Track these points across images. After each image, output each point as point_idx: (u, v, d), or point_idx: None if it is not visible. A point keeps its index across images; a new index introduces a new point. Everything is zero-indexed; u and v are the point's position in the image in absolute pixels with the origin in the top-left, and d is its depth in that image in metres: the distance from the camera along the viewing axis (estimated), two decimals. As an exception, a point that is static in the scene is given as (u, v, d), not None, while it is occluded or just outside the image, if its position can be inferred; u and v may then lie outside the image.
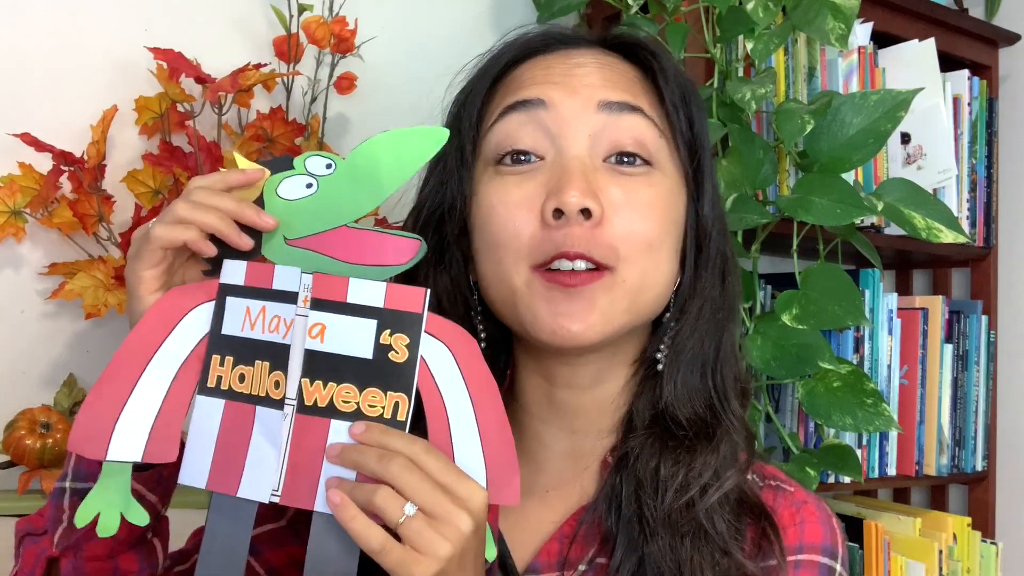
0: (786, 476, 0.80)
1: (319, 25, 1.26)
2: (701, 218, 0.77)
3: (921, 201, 1.42)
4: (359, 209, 0.68)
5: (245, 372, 0.67)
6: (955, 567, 1.66)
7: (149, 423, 0.66)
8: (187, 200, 0.67)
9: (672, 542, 0.70)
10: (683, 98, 0.77)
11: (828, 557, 0.74)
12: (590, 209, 0.70)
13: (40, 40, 1.18)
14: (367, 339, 0.65)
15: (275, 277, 0.67)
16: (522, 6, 1.54)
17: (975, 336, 1.82)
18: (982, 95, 1.85)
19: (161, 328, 0.67)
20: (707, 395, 0.76)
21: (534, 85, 0.75)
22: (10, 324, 1.17)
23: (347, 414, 0.64)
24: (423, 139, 0.68)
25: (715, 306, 0.77)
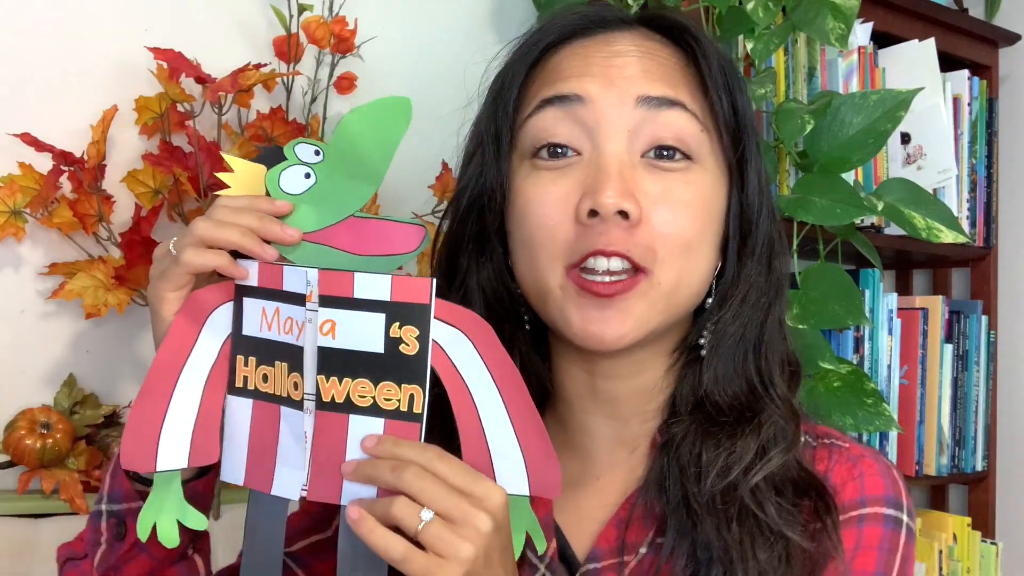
0: (840, 433, 0.78)
1: (319, 25, 1.26)
2: (745, 207, 0.75)
3: (921, 201, 1.42)
4: (361, 196, 0.68)
5: (268, 372, 0.68)
6: (955, 567, 1.66)
7: (190, 429, 0.68)
8: (210, 219, 0.67)
9: (719, 526, 0.69)
10: (727, 85, 0.75)
11: (893, 508, 0.72)
12: (627, 211, 0.69)
13: (40, 40, 1.18)
14: (377, 333, 0.65)
15: (284, 279, 0.67)
16: (522, 6, 1.54)
17: (975, 336, 1.82)
18: (982, 95, 1.85)
19: (187, 337, 0.68)
20: (749, 379, 0.75)
21: (572, 78, 0.73)
22: (10, 324, 1.17)
23: (364, 408, 0.65)
24: (391, 111, 0.68)
25: (759, 292, 0.76)
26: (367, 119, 0.68)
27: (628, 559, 0.73)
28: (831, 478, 0.73)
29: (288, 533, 0.82)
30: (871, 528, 0.71)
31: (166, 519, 0.67)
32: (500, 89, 0.77)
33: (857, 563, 0.70)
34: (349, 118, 0.68)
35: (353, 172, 0.68)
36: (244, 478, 0.68)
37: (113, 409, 1.20)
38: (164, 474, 0.68)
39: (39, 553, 1.10)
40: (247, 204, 0.68)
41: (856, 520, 0.71)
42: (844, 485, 0.73)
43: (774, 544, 0.69)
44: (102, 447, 1.17)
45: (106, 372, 1.22)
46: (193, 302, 0.69)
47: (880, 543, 0.71)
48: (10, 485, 1.14)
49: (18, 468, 1.14)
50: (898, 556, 0.72)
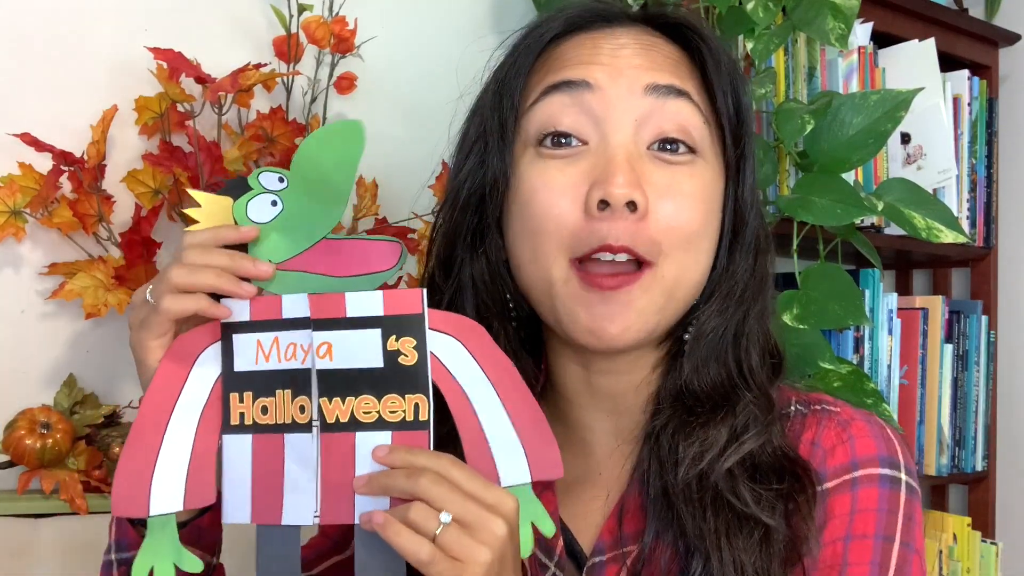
0: (833, 399, 0.78)
1: (319, 25, 1.26)
2: (740, 203, 0.76)
3: (921, 201, 1.42)
4: (330, 218, 0.69)
5: (267, 404, 0.68)
6: (955, 567, 1.66)
7: (184, 472, 0.68)
8: (182, 264, 0.67)
9: (695, 514, 0.70)
10: (731, 84, 0.75)
11: (888, 467, 0.71)
12: (635, 201, 0.69)
13: (40, 40, 1.18)
14: (375, 348, 0.66)
15: (283, 307, 0.68)
16: (522, 6, 1.54)
17: (975, 336, 1.82)
18: (982, 95, 1.85)
19: (175, 380, 0.69)
20: (728, 369, 0.75)
21: (579, 65, 0.73)
22: (10, 324, 1.17)
23: (370, 424, 0.66)
24: (347, 134, 0.69)
25: (744, 286, 0.76)
26: (323, 143, 0.69)
27: (629, 549, 0.74)
28: (820, 443, 0.73)
29: (308, 556, 0.84)
30: (866, 490, 0.70)
31: (163, 564, 0.67)
32: (504, 79, 0.77)
33: (856, 527, 0.69)
34: (306, 143, 0.69)
35: (318, 196, 0.69)
36: (251, 515, 0.68)
37: (113, 409, 1.20)
38: (159, 518, 0.67)
39: (39, 553, 1.10)
40: (213, 237, 0.68)
41: (849, 484, 0.71)
42: (833, 449, 0.72)
43: (752, 530, 0.69)
44: (102, 447, 1.17)
45: (106, 372, 1.22)
46: (179, 346, 0.69)
47: (879, 504, 0.70)
48: (10, 485, 1.14)
49: (18, 468, 1.14)
50: (900, 515, 0.70)
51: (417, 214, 1.32)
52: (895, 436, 0.74)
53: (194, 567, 0.67)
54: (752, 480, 0.71)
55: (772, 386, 0.76)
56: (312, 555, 0.85)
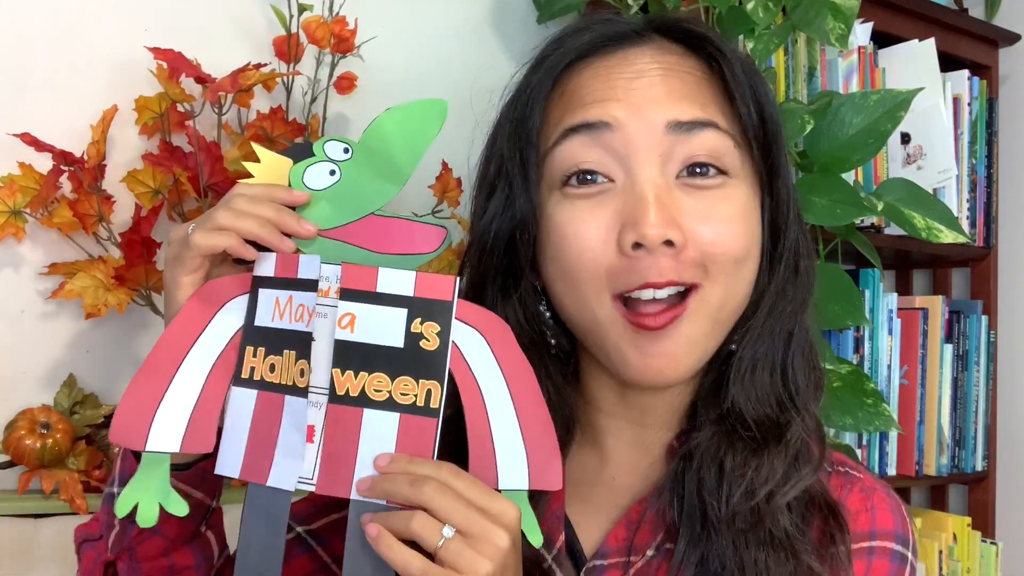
0: (855, 463, 0.78)
1: (319, 25, 1.26)
2: (776, 215, 0.74)
3: (921, 201, 1.42)
4: (384, 196, 0.69)
5: (275, 362, 0.68)
6: (955, 567, 1.66)
7: (187, 415, 0.68)
8: (228, 208, 0.67)
9: (736, 542, 0.69)
10: (754, 95, 0.73)
11: (901, 545, 0.73)
12: (673, 240, 0.67)
13: (40, 40, 1.18)
14: (398, 328, 0.65)
15: (300, 267, 0.67)
16: (522, 6, 1.54)
17: (975, 336, 1.82)
18: (982, 95, 1.85)
19: (197, 322, 0.68)
20: (778, 392, 0.74)
21: (596, 103, 0.71)
22: (10, 324, 1.17)
23: (379, 403, 0.65)
24: (426, 113, 0.69)
25: (787, 299, 0.74)
26: (403, 119, 0.68)
27: (635, 560, 0.73)
28: (846, 505, 0.74)
29: (309, 510, 0.84)
30: (880, 561, 0.72)
31: (148, 501, 0.66)
32: (520, 117, 0.75)
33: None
34: (385, 117, 0.68)
35: (379, 171, 0.69)
36: (241, 470, 0.68)
37: (113, 409, 1.20)
38: (153, 455, 0.67)
39: (39, 553, 1.10)
40: (264, 193, 0.68)
41: (867, 551, 0.72)
42: (858, 515, 0.73)
43: (786, 563, 0.69)
44: (102, 447, 1.17)
45: (106, 372, 1.22)
46: (209, 289, 0.69)
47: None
48: (10, 485, 1.14)
49: (18, 468, 1.14)
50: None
51: (417, 214, 1.32)
52: (907, 512, 0.76)
53: (179, 510, 0.67)
54: (799, 516, 0.70)
55: (817, 404, 0.75)
56: (314, 509, 0.84)
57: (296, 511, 0.84)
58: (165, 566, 0.73)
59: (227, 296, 0.69)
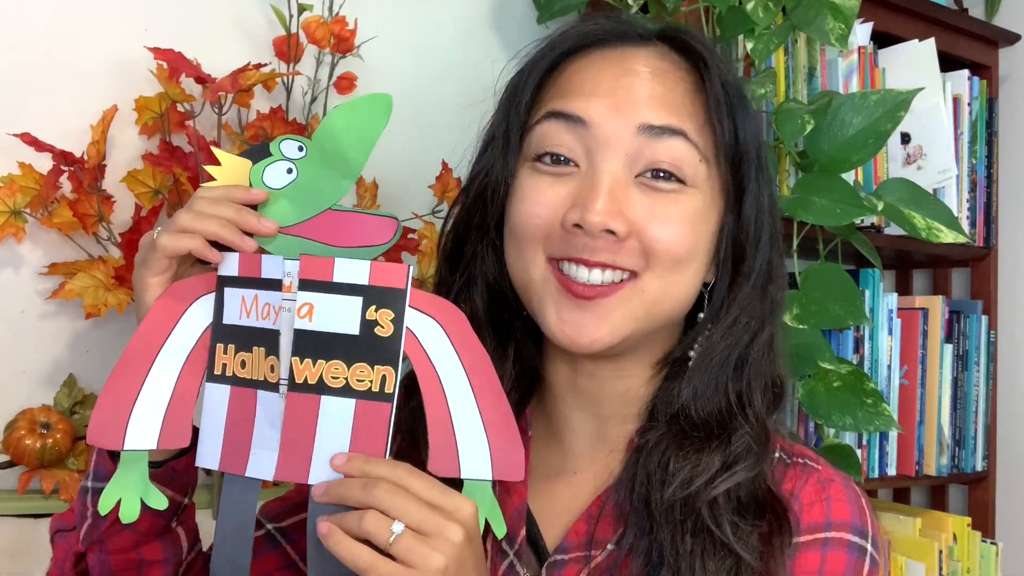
0: (816, 456, 0.80)
1: (319, 25, 1.26)
2: (739, 233, 0.77)
3: (921, 201, 1.42)
4: (338, 191, 0.71)
5: (246, 358, 0.70)
6: (955, 567, 1.66)
7: (162, 412, 0.70)
8: (190, 210, 0.70)
9: (674, 534, 0.72)
10: (729, 109, 0.76)
11: (859, 536, 0.73)
12: (614, 230, 0.71)
13: (40, 40, 1.18)
14: (353, 316, 0.67)
15: (263, 267, 0.70)
16: (522, 6, 1.54)
17: (975, 336, 1.82)
18: (982, 95, 1.85)
19: (166, 321, 0.71)
20: (728, 398, 0.76)
21: (581, 96, 0.75)
22: (10, 324, 1.17)
23: (336, 389, 0.67)
24: (372, 108, 0.70)
25: (750, 315, 0.77)
26: (350, 115, 0.70)
27: (595, 554, 0.75)
28: (800, 497, 0.75)
29: (279, 508, 0.86)
30: (835, 553, 0.72)
31: (129, 497, 0.69)
32: (515, 90, 0.80)
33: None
34: (333, 114, 0.70)
35: (332, 167, 0.71)
36: (219, 462, 0.70)
37: (113, 409, 1.20)
38: (131, 453, 0.69)
39: (39, 553, 1.10)
40: (224, 194, 0.70)
41: (820, 543, 0.73)
42: (812, 505, 0.74)
43: (724, 559, 0.71)
44: (102, 447, 1.18)
45: (106, 372, 1.20)
46: (176, 289, 0.71)
47: (844, 570, 0.72)
48: (10, 485, 1.14)
49: (18, 468, 1.14)
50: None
51: (417, 214, 1.32)
52: (867, 504, 0.76)
53: (159, 503, 0.69)
54: (735, 512, 0.72)
55: (770, 418, 0.78)
56: (284, 507, 0.87)
57: (267, 509, 0.87)
58: (135, 560, 0.75)
59: (194, 295, 0.71)
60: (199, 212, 0.69)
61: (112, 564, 0.74)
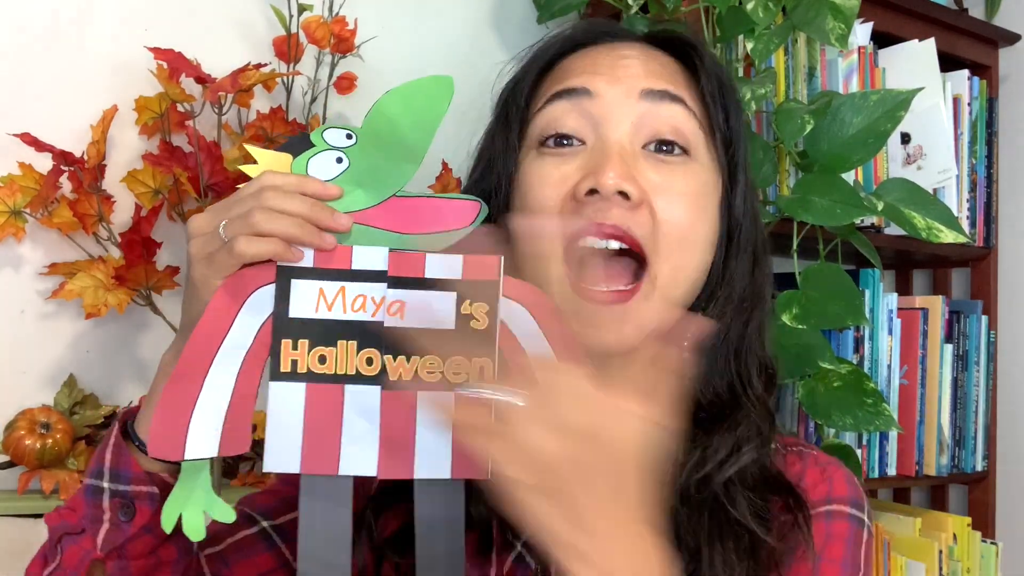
0: (806, 443, 0.83)
1: (319, 25, 1.26)
2: (734, 209, 0.79)
3: (921, 201, 1.42)
4: (402, 176, 0.68)
5: (325, 353, 0.66)
6: (955, 567, 1.66)
7: (221, 417, 0.66)
8: (262, 207, 0.64)
9: (691, 515, 0.73)
10: (721, 91, 0.79)
11: (856, 509, 0.78)
12: (628, 192, 0.71)
13: (40, 40, 1.18)
14: (448, 311, 0.65)
15: (355, 258, 0.66)
16: (522, 6, 1.54)
17: (975, 336, 1.82)
18: (982, 95, 1.85)
19: (224, 320, 0.66)
20: (729, 378, 0.78)
21: (581, 74, 0.77)
22: (10, 324, 1.17)
23: (432, 384, 0.65)
24: (433, 90, 0.68)
25: (742, 295, 0.79)
26: (405, 100, 0.67)
27: None
28: (804, 478, 0.78)
29: (270, 503, 0.84)
30: (838, 523, 0.76)
31: (193, 511, 0.65)
32: (512, 90, 0.81)
33: (827, 552, 0.75)
34: (385, 100, 0.67)
35: (391, 153, 0.67)
36: (301, 464, 0.66)
37: (113, 409, 1.20)
38: (193, 463, 0.65)
39: (39, 553, 1.10)
40: (296, 186, 0.66)
41: (824, 515, 0.76)
42: (815, 485, 0.78)
43: (741, 536, 0.72)
44: (102, 447, 1.18)
45: (106, 372, 1.22)
46: (231, 284, 0.66)
47: (847, 536, 0.76)
48: (10, 485, 1.14)
49: (18, 468, 1.14)
50: (862, 550, 0.77)
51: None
52: (859, 485, 0.81)
53: (226, 516, 0.66)
54: (749, 491, 0.75)
55: (769, 399, 0.80)
56: (276, 503, 0.84)
57: (257, 503, 0.84)
58: (152, 563, 0.73)
59: (250, 289, 0.67)
60: (271, 210, 0.64)
61: (132, 570, 0.72)
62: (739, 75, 1.40)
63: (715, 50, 1.36)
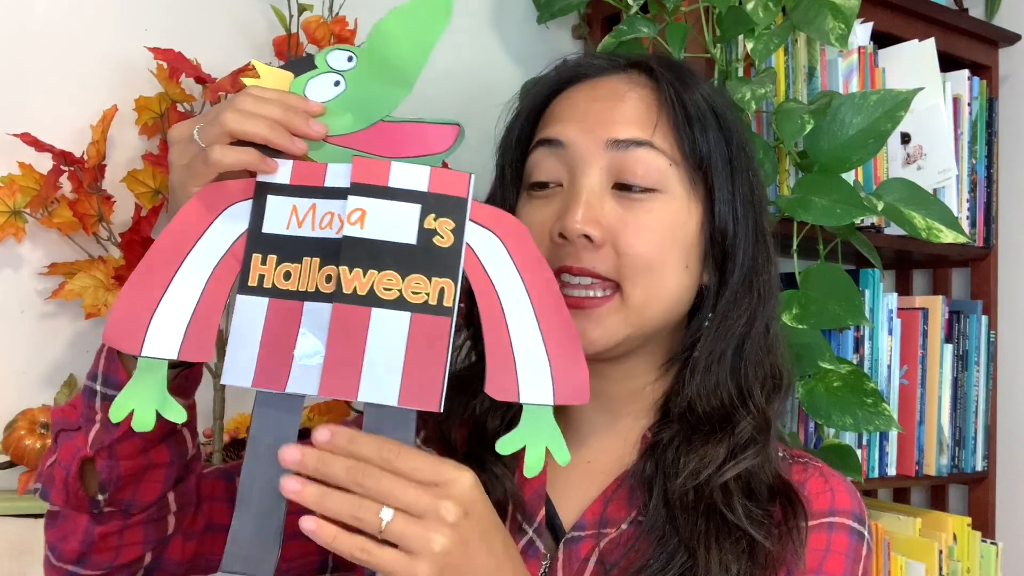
0: (811, 456, 0.87)
1: (319, 25, 1.26)
2: (715, 233, 0.82)
3: (921, 201, 1.42)
4: (392, 101, 0.67)
5: (291, 269, 0.65)
6: (955, 567, 1.66)
7: (185, 321, 0.65)
8: (235, 109, 0.66)
9: (689, 518, 0.76)
10: (699, 118, 0.82)
11: (857, 522, 0.80)
12: (590, 235, 0.77)
13: (40, 40, 1.18)
14: (410, 224, 0.64)
15: (327, 175, 0.66)
16: (522, 6, 1.54)
17: (975, 336, 1.82)
18: (982, 95, 1.85)
19: (196, 226, 0.66)
20: (728, 391, 0.81)
21: (558, 123, 0.83)
22: (10, 324, 1.17)
23: (389, 302, 0.63)
24: (431, 10, 0.67)
25: (740, 311, 0.82)
26: (404, 18, 0.66)
27: (608, 531, 0.79)
28: (807, 488, 0.81)
29: None
30: (839, 535, 0.79)
31: (144, 407, 0.64)
32: (506, 136, 0.88)
33: (826, 565, 0.78)
34: (388, 18, 0.66)
35: (385, 77, 0.67)
36: (253, 379, 0.65)
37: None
38: (149, 361, 0.65)
39: (39, 553, 1.10)
40: (276, 97, 0.67)
41: (827, 526, 0.79)
42: (818, 495, 0.80)
43: (738, 540, 0.75)
44: (102, 447, 1.18)
45: (106, 372, 1.22)
46: (211, 192, 0.66)
47: (847, 551, 0.79)
48: (10, 485, 1.14)
49: (18, 468, 1.14)
50: (860, 565, 0.79)
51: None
52: (860, 498, 0.83)
53: (177, 416, 0.65)
54: (746, 496, 0.78)
55: (771, 407, 0.82)
56: None
57: None
58: (143, 463, 0.74)
59: (228, 201, 0.66)
60: (245, 112, 0.65)
61: (122, 470, 0.73)
62: (739, 75, 1.40)
63: (715, 50, 1.36)
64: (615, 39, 1.32)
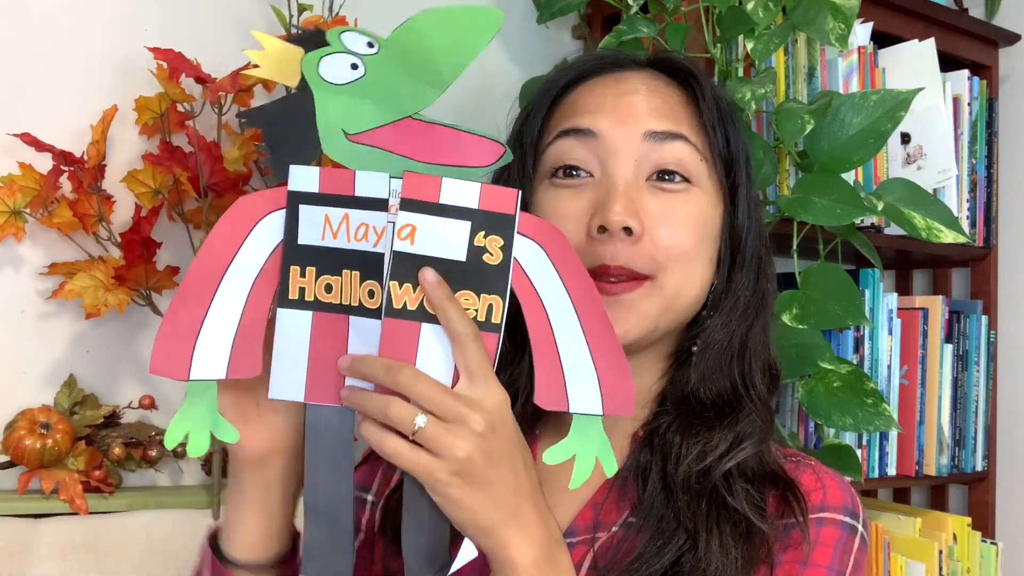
0: (804, 455, 0.87)
1: (319, 25, 1.27)
2: (735, 227, 0.83)
3: (921, 201, 1.42)
4: (422, 99, 0.65)
5: (332, 282, 0.65)
6: (955, 567, 1.66)
7: (230, 339, 0.64)
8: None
9: (690, 502, 0.76)
10: (720, 119, 0.83)
11: (849, 517, 0.80)
12: (631, 227, 0.76)
13: (40, 40, 1.18)
14: (461, 241, 0.63)
15: (357, 183, 0.64)
16: (522, 6, 1.54)
17: (975, 336, 1.82)
18: (982, 95, 1.85)
19: (233, 240, 0.65)
20: (732, 380, 0.82)
21: (587, 113, 0.81)
22: (10, 324, 1.17)
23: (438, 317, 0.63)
24: (477, 21, 0.65)
25: (746, 303, 0.83)
26: (445, 22, 0.64)
27: (600, 535, 0.79)
28: (800, 484, 0.81)
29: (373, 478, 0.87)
30: (828, 529, 0.79)
31: (199, 430, 0.64)
32: (525, 121, 0.86)
33: (813, 557, 0.78)
34: (422, 17, 0.64)
35: (415, 73, 0.65)
36: (305, 393, 0.65)
37: (113, 409, 1.20)
38: (199, 384, 0.64)
39: (39, 553, 1.10)
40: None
41: (816, 521, 0.79)
42: (810, 492, 0.80)
43: (737, 523, 0.76)
44: (102, 447, 1.17)
45: (106, 372, 1.22)
46: (242, 206, 0.65)
47: (836, 543, 0.78)
48: (10, 485, 1.14)
49: (18, 468, 1.14)
50: (851, 557, 0.79)
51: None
52: (856, 495, 0.83)
53: (231, 437, 0.66)
54: (747, 482, 0.78)
55: (771, 399, 0.84)
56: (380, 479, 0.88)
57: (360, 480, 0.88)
58: None
59: (262, 211, 0.65)
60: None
61: None
62: (739, 75, 1.40)
63: (715, 50, 1.36)
64: (615, 39, 1.32)
